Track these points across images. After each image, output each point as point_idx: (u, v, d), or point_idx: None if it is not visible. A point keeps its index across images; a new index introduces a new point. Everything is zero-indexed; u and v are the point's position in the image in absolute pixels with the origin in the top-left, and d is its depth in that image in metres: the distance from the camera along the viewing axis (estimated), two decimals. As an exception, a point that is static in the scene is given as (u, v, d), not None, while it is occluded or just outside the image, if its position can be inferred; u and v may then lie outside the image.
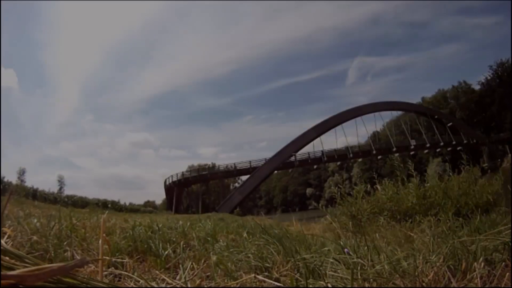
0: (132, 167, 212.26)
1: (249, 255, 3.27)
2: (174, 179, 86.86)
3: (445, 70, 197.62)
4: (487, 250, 2.53)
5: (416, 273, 2.34)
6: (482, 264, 2.26)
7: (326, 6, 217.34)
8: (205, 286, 2.55)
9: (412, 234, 5.37)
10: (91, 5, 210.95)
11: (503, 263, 2.36)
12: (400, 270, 2.42)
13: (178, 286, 2.38)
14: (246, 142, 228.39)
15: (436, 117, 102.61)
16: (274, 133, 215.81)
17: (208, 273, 2.87)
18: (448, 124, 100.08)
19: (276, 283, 2.38)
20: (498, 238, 2.69)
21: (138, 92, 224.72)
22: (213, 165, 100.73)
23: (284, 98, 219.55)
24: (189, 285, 2.36)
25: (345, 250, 2.72)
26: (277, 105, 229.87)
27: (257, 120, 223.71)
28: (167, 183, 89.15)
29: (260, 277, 2.48)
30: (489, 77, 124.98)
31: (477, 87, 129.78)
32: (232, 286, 2.42)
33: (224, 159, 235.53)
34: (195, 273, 2.74)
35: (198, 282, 2.43)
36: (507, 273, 2.27)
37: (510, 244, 2.46)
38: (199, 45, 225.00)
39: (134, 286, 2.50)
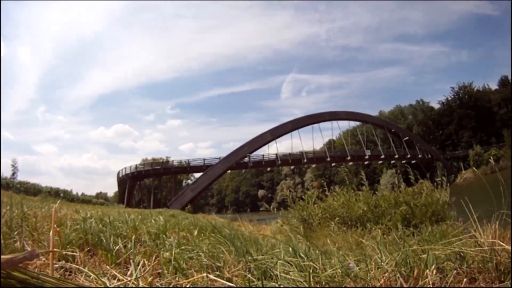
0: (84, 158, 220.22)
1: (201, 253, 3.23)
2: (128, 171, 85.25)
3: (385, 91, 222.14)
4: (439, 258, 2.60)
5: (369, 278, 2.37)
6: (434, 271, 2.30)
7: (260, 26, 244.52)
8: (157, 285, 2.50)
9: (363, 240, 5.44)
10: (49, 5, 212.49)
11: (455, 271, 2.41)
12: (352, 274, 2.43)
13: (129, 283, 2.33)
14: (180, 143, 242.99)
15: (393, 130, 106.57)
16: (209, 136, 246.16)
17: (159, 270, 2.82)
18: (405, 138, 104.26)
19: (228, 283, 2.35)
20: (449, 248, 2.75)
21: (87, 90, 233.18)
22: (167, 160, 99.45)
23: (219, 106, 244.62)
24: (140, 283, 2.31)
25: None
26: (212, 111, 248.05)
27: (193, 124, 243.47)
28: (120, 175, 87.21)
29: (211, 276, 2.45)
30: (449, 98, 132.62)
31: (436, 106, 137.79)
32: (184, 285, 2.39)
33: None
34: (146, 269, 2.68)
35: (150, 279, 2.38)
36: (459, 281, 2.33)
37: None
38: (142, 53, 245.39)
39: (85, 281, 2.43)
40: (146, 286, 2.25)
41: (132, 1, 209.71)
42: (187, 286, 2.38)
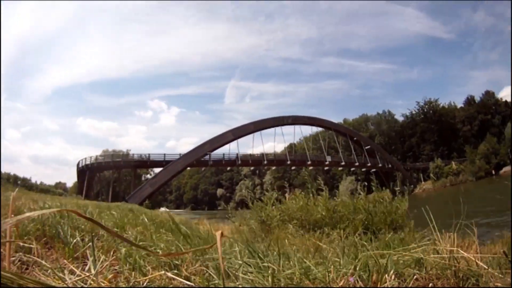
0: (43, 146, 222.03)
1: (158, 250, 3.21)
2: (88, 162, 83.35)
3: (332, 102, 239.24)
4: (398, 264, 2.64)
5: (327, 280, 2.39)
6: (393, 276, 2.34)
7: (204, 33, 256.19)
8: (115, 281, 2.45)
9: (321, 244, 5.49)
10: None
11: (414, 276, 2.46)
12: (310, 277, 2.45)
13: (88, 279, 2.28)
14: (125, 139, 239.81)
15: (355, 138, 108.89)
16: (155, 133, 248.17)
17: (117, 266, 2.77)
18: (366, 147, 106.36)
19: (186, 282, 2.34)
20: (408, 254, 2.81)
21: (45, 82, 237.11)
22: (127, 153, 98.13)
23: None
24: (99, 278, 2.27)
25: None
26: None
27: (142, 120, 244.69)
28: (80, 165, 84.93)
29: (169, 274, 2.42)
30: (414, 112, 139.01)
31: (400, 119, 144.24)
32: (142, 282, 2.36)
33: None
34: (104, 265, 2.63)
35: (109, 276, 2.34)
36: (417, 286, 2.38)
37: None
38: (96, 53, 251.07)
39: (42, 276, 2.36)
40: (105, 282, 2.22)
41: (89, 2, 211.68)
42: (145, 283, 2.35)
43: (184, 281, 2.33)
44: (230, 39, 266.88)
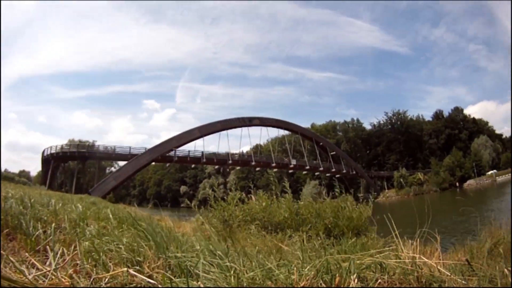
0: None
1: (121, 246, 3.16)
2: (53, 151, 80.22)
3: (283, 106, 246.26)
4: (360, 268, 2.66)
5: (290, 282, 2.39)
6: (356, 280, 2.37)
7: (154, 35, 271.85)
8: (76, 277, 2.40)
9: (283, 246, 5.51)
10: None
11: (378, 281, 2.49)
12: (273, 278, 2.45)
13: (49, 273, 2.23)
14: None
15: (321, 144, 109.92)
16: (112, 126, 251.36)
17: (79, 261, 2.72)
18: (332, 153, 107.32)
19: (148, 280, 2.31)
20: (371, 259, 2.84)
21: (8, 70, 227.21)
22: (93, 144, 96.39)
23: (118, 100, 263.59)
24: (59, 274, 2.23)
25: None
26: (111, 104, 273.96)
27: (95, 113, 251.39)
28: (45, 154, 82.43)
29: (132, 271, 2.39)
30: (382, 122, 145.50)
31: (368, 127, 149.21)
32: (104, 279, 2.33)
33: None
34: (66, 259, 2.58)
35: (70, 271, 2.30)
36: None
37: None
38: (57, 46, 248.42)
39: (3, 268, 2.31)
40: (66, 278, 2.18)
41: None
42: (107, 280, 2.31)
43: (146, 278, 2.30)
44: (178, 41, 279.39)
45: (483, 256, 3.00)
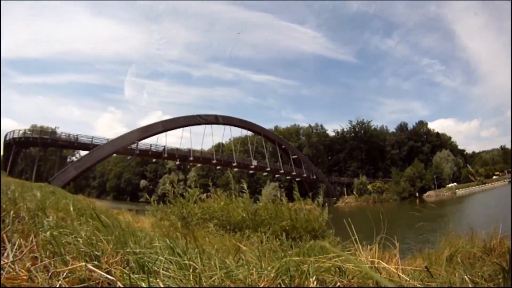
0: None
1: (79, 239, 3.09)
2: (15, 135, 76.69)
3: (225, 105, 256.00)
4: (319, 271, 2.69)
5: (249, 282, 2.41)
6: (315, 282, 2.40)
7: (102, 28, 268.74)
8: (33, 269, 2.35)
9: (241, 246, 5.52)
10: None
11: (337, 284, 2.53)
12: (232, 277, 2.46)
13: (6, 266, 2.18)
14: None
15: (283, 146, 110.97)
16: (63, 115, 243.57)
17: (37, 254, 2.66)
18: (293, 156, 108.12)
19: (107, 275, 2.28)
20: (330, 262, 2.87)
21: None
22: (55, 131, 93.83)
23: (72, 89, 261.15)
24: (16, 266, 2.18)
25: None
26: (65, 92, 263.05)
27: (53, 103, 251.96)
28: (8, 138, 79.73)
29: (90, 266, 2.36)
30: (345, 129, 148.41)
31: (331, 134, 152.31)
32: (62, 273, 2.29)
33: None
34: (24, 251, 2.53)
35: (27, 264, 2.25)
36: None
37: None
38: (17, 33, 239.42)
39: None
40: (23, 271, 2.14)
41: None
42: (65, 274, 2.27)
43: (104, 274, 2.28)
44: (125, 36, 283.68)
45: (441, 263, 3.07)
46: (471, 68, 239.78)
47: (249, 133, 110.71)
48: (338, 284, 2.56)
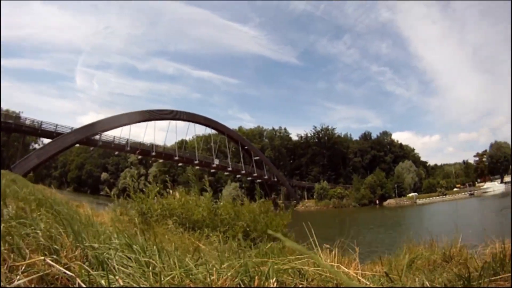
0: None
1: (38, 231, 3.03)
2: None
3: (171, 100, 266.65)
4: (279, 272, 2.70)
5: (209, 282, 2.40)
6: (275, 283, 2.40)
7: (55, 16, 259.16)
8: None
9: (200, 244, 5.50)
10: None
11: (295, 286, 2.55)
12: (191, 277, 2.45)
13: None
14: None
15: (246, 147, 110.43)
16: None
17: None
18: (255, 158, 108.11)
19: (65, 271, 2.23)
20: (290, 264, 2.89)
21: None
22: (19, 116, 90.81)
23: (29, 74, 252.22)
24: None
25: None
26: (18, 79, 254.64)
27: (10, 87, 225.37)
28: None
29: (49, 260, 2.31)
30: (309, 135, 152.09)
31: (295, 138, 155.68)
32: (20, 267, 2.23)
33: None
34: None
35: None
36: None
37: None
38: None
39: None
40: None
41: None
42: (23, 268, 2.22)
43: (63, 269, 2.23)
44: (75, 25, 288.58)
45: (401, 269, 3.11)
46: (427, 78, 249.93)
47: (213, 131, 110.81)
48: (298, 286, 2.59)
